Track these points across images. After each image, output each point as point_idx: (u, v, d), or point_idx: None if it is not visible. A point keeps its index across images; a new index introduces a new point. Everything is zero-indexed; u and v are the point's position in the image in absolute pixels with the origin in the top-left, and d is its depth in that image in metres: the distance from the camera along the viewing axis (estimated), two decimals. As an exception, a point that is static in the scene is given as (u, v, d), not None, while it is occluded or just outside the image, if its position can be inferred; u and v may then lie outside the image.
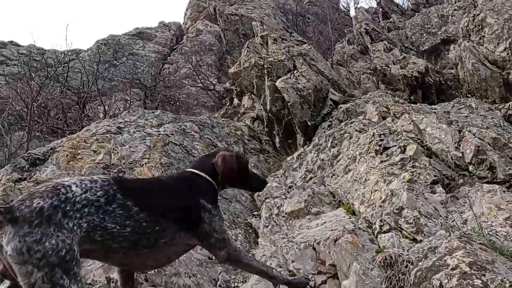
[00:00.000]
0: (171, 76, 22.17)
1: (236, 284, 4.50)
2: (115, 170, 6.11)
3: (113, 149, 6.78)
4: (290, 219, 5.80)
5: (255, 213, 6.81)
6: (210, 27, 25.02)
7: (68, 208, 2.05)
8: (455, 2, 20.37)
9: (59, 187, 2.13)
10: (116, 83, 18.99)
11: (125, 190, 2.33)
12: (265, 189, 7.04)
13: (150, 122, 8.54)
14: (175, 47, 24.48)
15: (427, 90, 12.91)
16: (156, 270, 4.04)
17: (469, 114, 9.21)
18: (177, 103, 19.12)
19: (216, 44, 24.02)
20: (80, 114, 14.24)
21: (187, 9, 27.33)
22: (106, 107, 14.39)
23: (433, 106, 10.43)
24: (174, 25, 26.20)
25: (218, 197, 2.87)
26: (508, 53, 12.43)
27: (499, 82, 11.29)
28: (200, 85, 21.89)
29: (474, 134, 5.41)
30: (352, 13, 29.56)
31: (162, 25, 25.86)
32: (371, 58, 17.67)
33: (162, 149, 7.41)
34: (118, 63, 20.82)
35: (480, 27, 13.88)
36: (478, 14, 14.15)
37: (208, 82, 21.97)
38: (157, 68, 22.42)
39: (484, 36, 13.58)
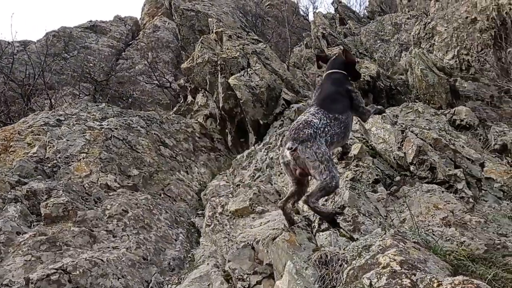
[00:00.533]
0: (125, 71, 21.57)
1: (170, 285, 4.28)
2: (49, 165, 5.74)
3: (48, 142, 6.37)
4: (234, 218, 5.64)
5: (200, 212, 6.61)
6: (168, 23, 24.56)
7: (318, 132, 3.70)
8: (408, 11, 21.00)
9: (309, 121, 3.79)
10: (65, 76, 18.18)
11: (328, 110, 3.92)
12: (212, 187, 6.87)
13: (93, 115, 8.15)
14: (130, 42, 23.81)
15: (378, 95, 13.12)
16: (81, 271, 3.76)
17: (416, 118, 9.44)
18: (129, 99, 18.52)
19: (174, 41, 23.54)
20: (24, 107, 13.48)
21: (144, 4, 26.70)
22: (53, 101, 13.70)
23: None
24: (131, 20, 25.50)
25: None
26: (456, 61, 12.87)
27: (446, 89, 11.62)
28: (156, 82, 21.38)
29: (416, 135, 5.46)
30: (311, 17, 30.01)
31: (118, 19, 25.10)
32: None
33: (103, 143, 7.07)
34: (68, 56, 19.95)
35: (431, 35, 14.31)
36: (429, 23, 14.59)
37: (164, 80, 21.49)
38: (111, 63, 21.67)
39: (434, 44, 14.01)
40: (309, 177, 3.85)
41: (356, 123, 6.49)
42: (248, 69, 9.79)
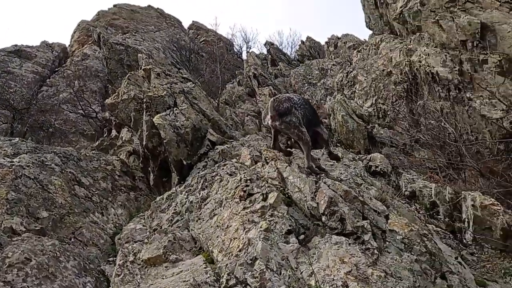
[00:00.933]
0: (49, 99, 20.60)
1: None
2: None
3: None
4: (146, 267, 5.45)
5: (111, 258, 6.32)
6: (99, 52, 23.94)
7: (295, 107, 5.64)
8: (334, 58, 22.31)
9: (290, 98, 5.85)
10: (-18, 102, 16.98)
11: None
12: (127, 231, 6.63)
13: (4, 150, 7.66)
14: (57, 69, 22.89)
15: (303, 137, 13.63)
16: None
17: (335, 163, 9.86)
18: (50, 129, 17.63)
19: (103, 71, 22.94)
20: None
21: (74, 32, 25.99)
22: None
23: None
24: (58, 47, 24.61)
25: None
26: (373, 109, 13.76)
27: (364, 135, 12.37)
28: (81, 111, 20.63)
29: (328, 186, 5.67)
30: (244, 56, 30.84)
31: (45, 44, 24.14)
32: (257, 101, 18.37)
33: (11, 182, 6.63)
34: (-13, 81, 18.74)
35: (353, 83, 15.25)
36: (351, 72, 15.56)
37: (90, 109, 20.80)
38: (33, 90, 20.61)
39: (355, 91, 14.92)
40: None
41: (275, 171, 6.66)
42: (174, 109, 9.78)
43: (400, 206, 8.47)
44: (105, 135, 13.83)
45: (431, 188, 8.97)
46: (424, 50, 11.81)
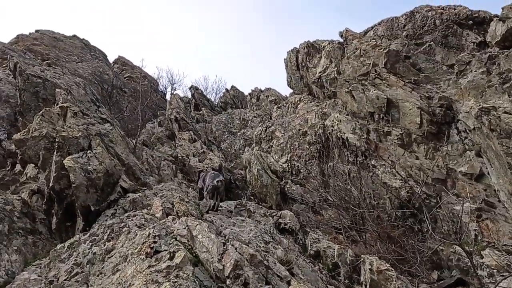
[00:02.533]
0: None
1: None
2: None
3: None
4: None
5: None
6: (13, 77, 22.61)
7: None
8: (256, 110, 23.13)
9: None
10: None
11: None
12: (20, 281, 6.21)
13: None
14: (-39, 90, 21.09)
15: (218, 187, 13.79)
16: None
17: (246, 218, 10.06)
18: None
19: (16, 97, 21.58)
20: None
21: (-12, 53, 24.34)
22: None
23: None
24: (-33, 66, 22.83)
25: None
26: (288, 165, 14.37)
27: (276, 190, 12.82)
28: (-16, 138, 19.08)
29: (236, 249, 5.81)
30: (168, 97, 30.80)
31: (-49, 62, 22.26)
32: (176, 145, 18.30)
33: None
34: None
35: (270, 137, 15.87)
36: (270, 127, 16.23)
37: (-5, 137, 19.33)
38: None
39: (272, 146, 15.52)
40: None
41: (185, 228, 6.68)
42: (88, 151, 9.47)
43: (305, 266, 8.78)
44: (7, 169, 12.87)
45: (334, 249, 9.45)
46: (337, 116, 12.74)
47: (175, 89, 33.08)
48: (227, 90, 29.58)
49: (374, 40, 13.36)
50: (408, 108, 11.49)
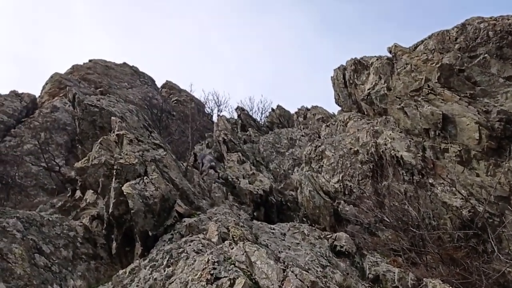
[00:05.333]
0: (11, 150, 20.06)
1: None
2: None
3: None
4: None
5: None
6: (69, 106, 23.82)
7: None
8: (303, 128, 23.02)
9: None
10: None
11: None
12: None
13: (-36, 214, 7.34)
14: (23, 119, 22.47)
15: (269, 209, 13.74)
16: None
17: (301, 241, 9.93)
18: (10, 182, 17.01)
19: (72, 124, 22.70)
20: None
21: (46, 83, 25.86)
22: None
23: (272, 226, 11.05)
24: (28, 97, 24.33)
25: None
26: (340, 185, 14.11)
27: (330, 212, 12.57)
28: (44, 164, 20.09)
29: (296, 275, 5.71)
30: (215, 118, 31.38)
31: (14, 94, 23.82)
32: (225, 167, 18.47)
33: (-33, 252, 6.31)
34: None
35: (320, 157, 15.69)
36: (320, 146, 16.06)
37: (54, 163, 20.30)
38: (-4, 140, 20.10)
39: (323, 165, 15.32)
40: None
41: (243, 254, 6.65)
42: (145, 177, 9.71)
43: (365, 291, 8.53)
44: (68, 195, 13.42)
45: (394, 272, 9.11)
46: (390, 134, 12.42)
47: (221, 111, 33.69)
48: (273, 109, 29.70)
49: (425, 55, 13.04)
50: (465, 124, 11.06)
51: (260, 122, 29.31)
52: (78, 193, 12.84)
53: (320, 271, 8.12)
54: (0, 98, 22.64)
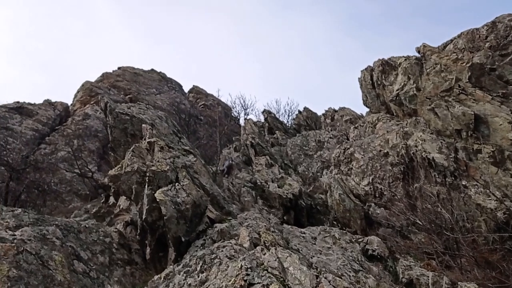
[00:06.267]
0: (46, 157, 20.72)
1: None
2: None
3: None
4: None
5: None
6: (100, 113, 24.43)
7: None
8: (331, 130, 22.89)
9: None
10: (-21, 158, 17.05)
11: None
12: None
13: (6, 222, 7.65)
14: (57, 127, 23.18)
15: (299, 212, 13.74)
16: None
17: (332, 246, 9.89)
18: (46, 189, 17.59)
19: (103, 131, 23.30)
20: None
21: (78, 91, 26.61)
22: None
23: (302, 230, 11.05)
24: (61, 105, 25.08)
25: None
26: (370, 188, 13.96)
27: (360, 215, 12.47)
28: (77, 171, 20.67)
29: (329, 282, 5.72)
30: (242, 121, 31.51)
31: (47, 103, 24.60)
32: (253, 171, 18.57)
33: (13, 258, 6.58)
34: (-15, 138, 18.89)
35: (349, 159, 15.56)
36: (349, 148, 15.94)
37: (87, 169, 20.86)
38: (32, 147, 20.78)
39: (352, 168, 15.19)
40: None
41: (275, 260, 6.70)
42: (176, 184, 9.89)
43: (399, 297, 8.43)
44: (102, 201, 13.79)
45: (428, 276, 8.97)
46: (421, 136, 12.24)
47: (248, 114, 33.84)
48: (299, 111, 29.60)
49: (454, 54, 12.79)
50: (498, 124, 10.80)
51: (287, 125, 29.28)
52: (111, 199, 13.18)
53: (352, 276, 8.09)
54: (34, 107, 23.43)
